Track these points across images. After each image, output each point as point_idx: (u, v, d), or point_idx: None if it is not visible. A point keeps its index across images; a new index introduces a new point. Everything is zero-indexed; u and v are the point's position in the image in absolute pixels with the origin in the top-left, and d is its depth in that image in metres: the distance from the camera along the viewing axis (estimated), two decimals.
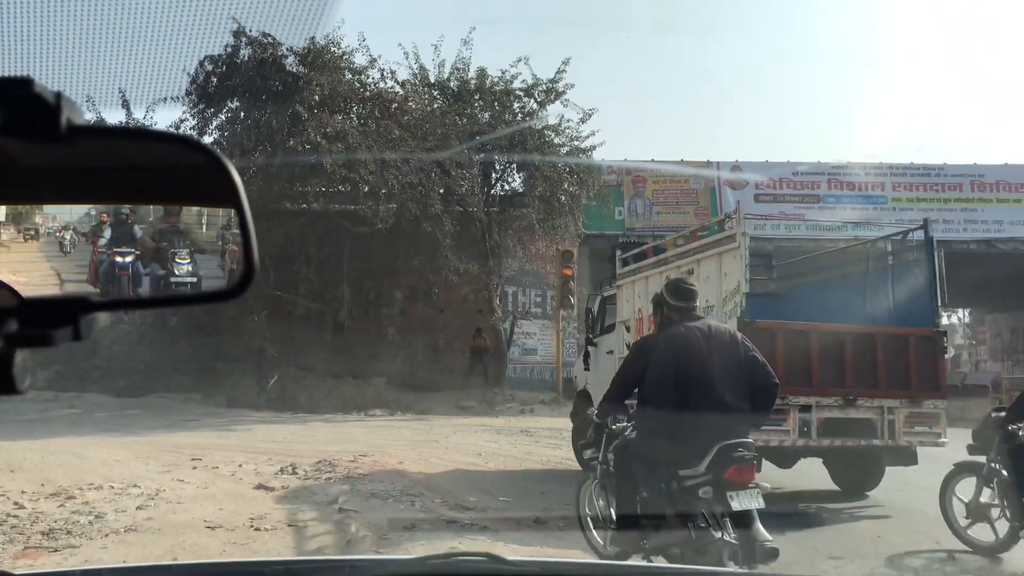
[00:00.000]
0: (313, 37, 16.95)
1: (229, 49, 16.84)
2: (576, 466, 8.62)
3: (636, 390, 4.69)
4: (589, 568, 2.71)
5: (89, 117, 0.88)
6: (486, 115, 19.92)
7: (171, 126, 16.95)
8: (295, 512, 7.13)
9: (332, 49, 17.50)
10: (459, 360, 22.38)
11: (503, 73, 19.73)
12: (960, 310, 41.24)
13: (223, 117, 17.67)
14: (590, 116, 20.05)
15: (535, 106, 20.11)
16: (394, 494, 7.87)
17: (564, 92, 19.84)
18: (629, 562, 4.16)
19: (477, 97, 19.84)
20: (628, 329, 9.71)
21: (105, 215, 14.70)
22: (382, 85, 18.25)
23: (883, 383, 7.57)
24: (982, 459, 5.84)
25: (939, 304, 8.25)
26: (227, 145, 16.88)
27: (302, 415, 16.92)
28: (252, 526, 6.46)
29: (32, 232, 16.58)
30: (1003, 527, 5.63)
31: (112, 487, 7.87)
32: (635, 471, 4.66)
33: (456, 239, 18.65)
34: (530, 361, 22.66)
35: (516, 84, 19.79)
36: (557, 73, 19.84)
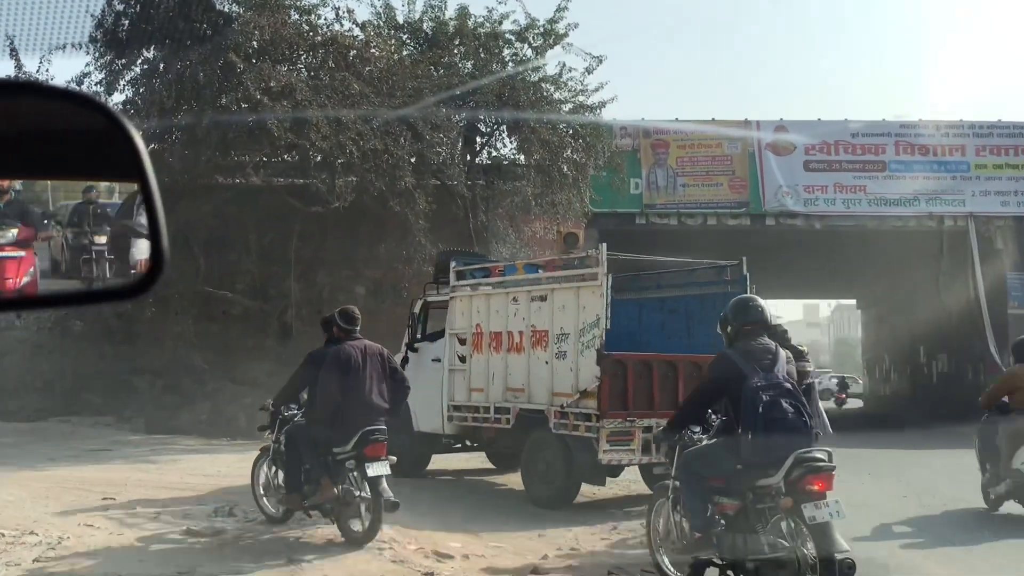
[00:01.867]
0: None
1: None
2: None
3: (306, 389, 8.50)
4: None
5: None
6: (468, 65, 19.84)
7: (73, 81, 16.83)
8: (237, 568, 7.12)
9: None
10: None
11: (489, 12, 19.69)
12: None
13: (137, 69, 17.56)
14: (598, 65, 20.02)
15: (529, 53, 20.05)
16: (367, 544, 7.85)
17: (565, 35, 19.82)
18: None
19: (457, 42, 19.79)
20: (462, 341, 12.15)
21: None
22: (337, 28, 18.17)
23: None
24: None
25: None
26: (142, 104, 16.79)
27: (241, 442, 16.76)
28: None
29: None
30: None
31: (2, 535, 7.82)
32: (302, 449, 8.12)
33: (432, 220, 18.61)
34: None
35: (506, 26, 19.77)
36: (556, 12, 19.82)
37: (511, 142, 20.60)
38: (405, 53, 19.26)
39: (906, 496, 11.64)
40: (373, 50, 18.34)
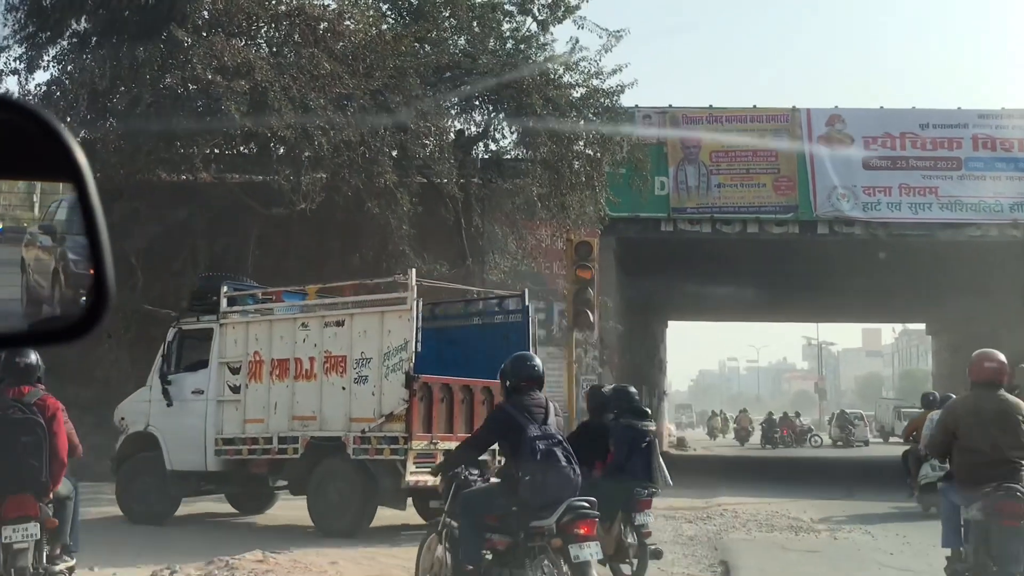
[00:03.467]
0: None
1: None
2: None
3: None
4: None
5: None
6: (461, 41, 19.84)
7: None
8: None
9: None
10: None
11: None
12: None
13: (65, 43, 17.57)
14: (616, 42, 20.01)
15: (534, 28, 20.07)
16: None
17: (578, 7, 19.83)
18: None
19: (447, 14, 19.79)
20: (235, 371, 13.35)
21: None
22: None
23: None
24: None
25: None
26: (70, 85, 16.76)
27: None
28: None
29: None
30: None
31: None
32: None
33: (417, 225, 18.57)
34: None
35: None
36: None
37: (513, 133, 20.56)
38: (385, 27, 19.24)
39: None
40: (347, 22, 18.34)
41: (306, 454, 12.59)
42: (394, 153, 18.55)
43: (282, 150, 17.63)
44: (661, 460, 10.06)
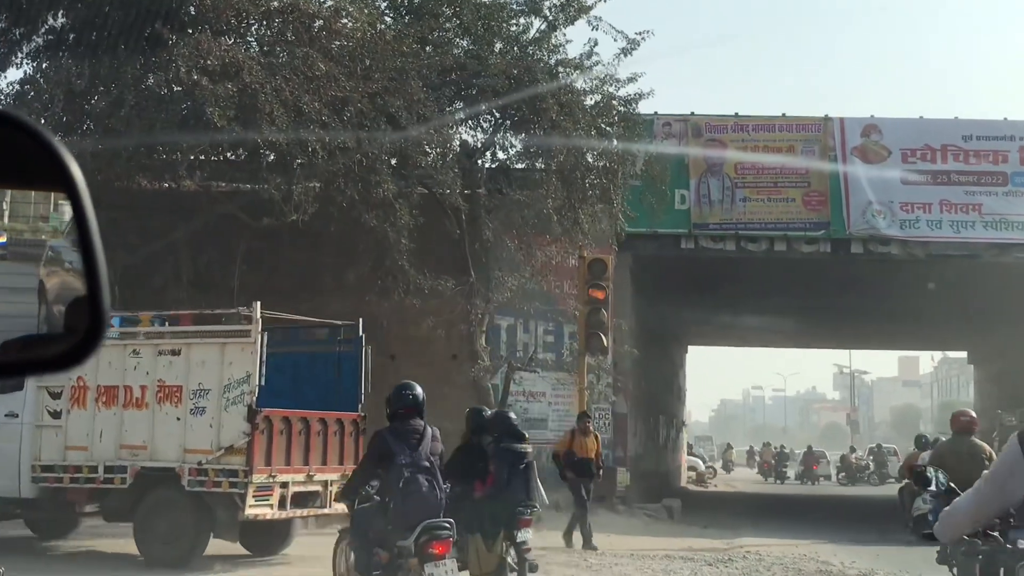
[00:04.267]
0: None
1: None
2: None
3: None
4: None
5: None
6: (465, 42, 19.91)
7: None
8: None
9: None
10: None
11: None
12: None
13: (39, 41, 17.65)
14: (635, 46, 20.08)
15: (545, 28, 20.13)
16: None
17: (592, 7, 19.91)
18: None
19: (451, 13, 19.89)
20: (56, 396, 13.90)
21: None
22: None
23: (330, 459, 14.01)
24: None
25: (363, 392, 14.86)
26: (46, 84, 16.83)
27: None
28: None
29: None
30: None
31: None
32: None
33: (418, 239, 18.60)
34: (536, 438, 22.52)
35: None
36: None
37: (521, 141, 20.61)
38: (386, 26, 19.33)
39: None
40: (345, 20, 18.42)
41: (135, 484, 13.28)
42: (393, 161, 18.60)
43: (272, 157, 17.69)
44: (538, 480, 11.49)
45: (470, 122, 20.45)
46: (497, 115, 20.20)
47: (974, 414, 12.42)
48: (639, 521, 21.05)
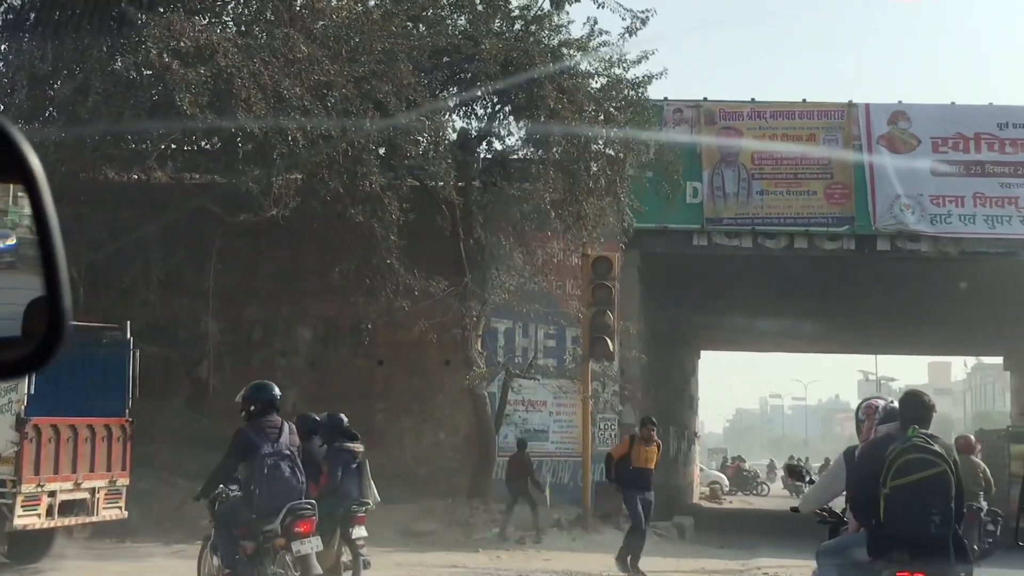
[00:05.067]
0: None
1: None
2: None
3: None
4: None
5: None
6: (461, 21, 19.92)
7: None
8: None
9: None
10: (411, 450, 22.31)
11: None
12: None
13: None
14: (643, 25, 20.08)
15: (546, 6, 20.14)
16: None
17: None
18: None
19: None
20: None
21: None
22: None
23: (97, 466, 14.76)
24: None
25: (130, 397, 15.68)
26: (6, 69, 16.82)
27: (130, 545, 16.82)
28: None
29: None
30: None
31: None
32: None
33: (408, 235, 18.61)
34: (536, 451, 22.56)
35: None
36: None
37: (520, 129, 20.62)
38: (373, 3, 19.33)
39: None
40: None
41: None
42: (381, 151, 18.60)
43: (250, 147, 17.66)
44: (371, 479, 12.56)
45: (465, 108, 20.45)
46: (495, 100, 20.20)
47: (972, 437, 17.55)
48: (648, 541, 21.00)
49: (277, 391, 10.27)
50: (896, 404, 8.27)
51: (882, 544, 7.33)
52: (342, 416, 12.73)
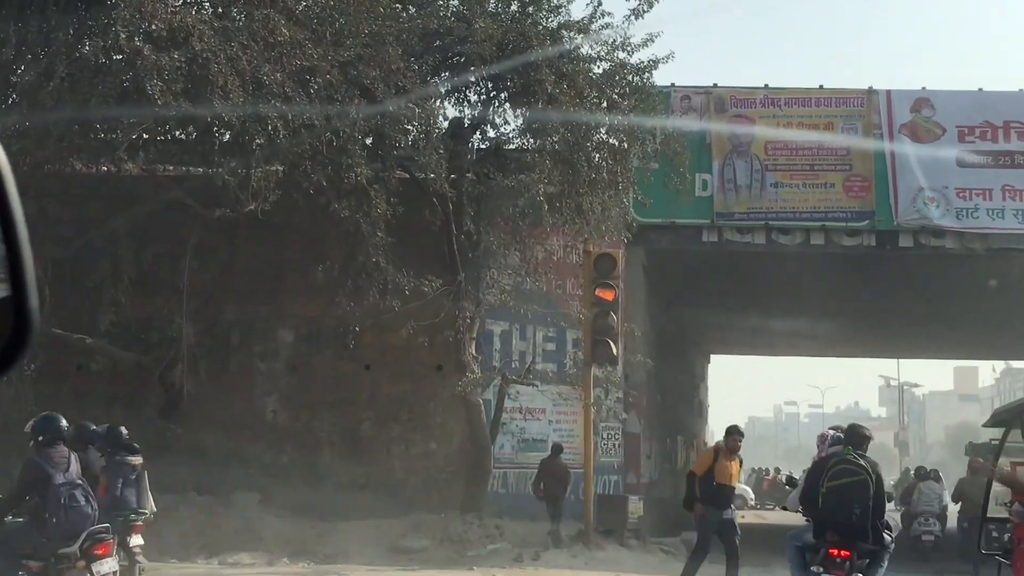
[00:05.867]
0: None
1: None
2: None
3: None
4: None
5: None
6: (453, 1, 19.96)
7: None
8: None
9: None
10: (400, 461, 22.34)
11: None
12: None
13: None
14: (649, 7, 20.10)
15: None
16: None
17: None
18: None
19: None
20: None
21: None
22: None
23: None
24: None
25: None
26: None
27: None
28: None
29: None
30: None
31: None
32: None
33: (397, 231, 18.65)
34: (534, 463, 22.59)
35: None
36: None
37: (517, 117, 20.65)
38: None
39: None
40: None
41: None
42: (368, 141, 18.64)
43: (227, 136, 17.70)
44: (148, 490, 13.78)
45: (457, 95, 20.47)
46: (489, 86, 20.23)
47: (981, 459, 20.98)
48: (654, 558, 21.06)
49: (64, 423, 11.27)
50: (841, 434, 12.27)
51: (820, 529, 11.53)
52: (122, 428, 13.93)
